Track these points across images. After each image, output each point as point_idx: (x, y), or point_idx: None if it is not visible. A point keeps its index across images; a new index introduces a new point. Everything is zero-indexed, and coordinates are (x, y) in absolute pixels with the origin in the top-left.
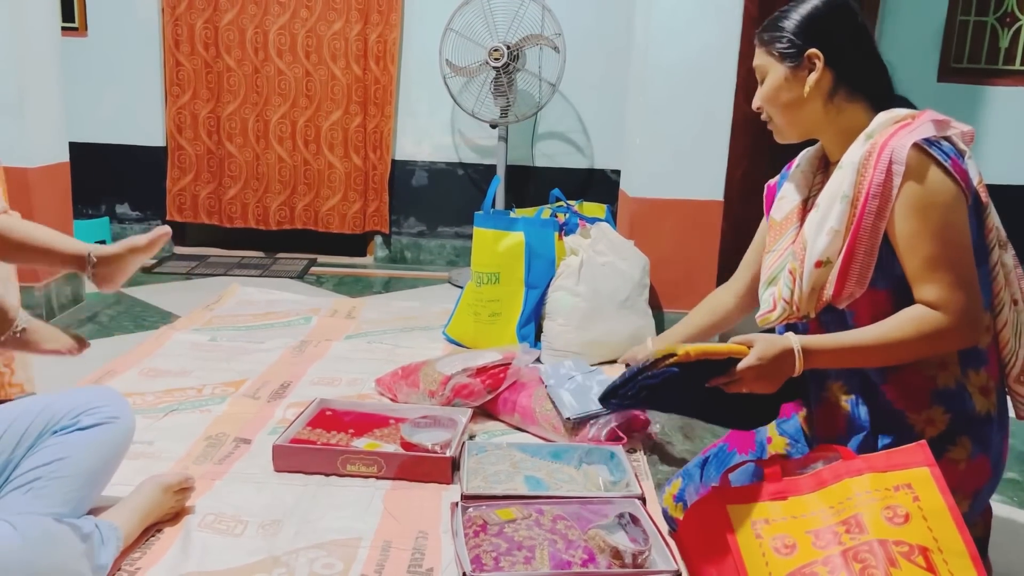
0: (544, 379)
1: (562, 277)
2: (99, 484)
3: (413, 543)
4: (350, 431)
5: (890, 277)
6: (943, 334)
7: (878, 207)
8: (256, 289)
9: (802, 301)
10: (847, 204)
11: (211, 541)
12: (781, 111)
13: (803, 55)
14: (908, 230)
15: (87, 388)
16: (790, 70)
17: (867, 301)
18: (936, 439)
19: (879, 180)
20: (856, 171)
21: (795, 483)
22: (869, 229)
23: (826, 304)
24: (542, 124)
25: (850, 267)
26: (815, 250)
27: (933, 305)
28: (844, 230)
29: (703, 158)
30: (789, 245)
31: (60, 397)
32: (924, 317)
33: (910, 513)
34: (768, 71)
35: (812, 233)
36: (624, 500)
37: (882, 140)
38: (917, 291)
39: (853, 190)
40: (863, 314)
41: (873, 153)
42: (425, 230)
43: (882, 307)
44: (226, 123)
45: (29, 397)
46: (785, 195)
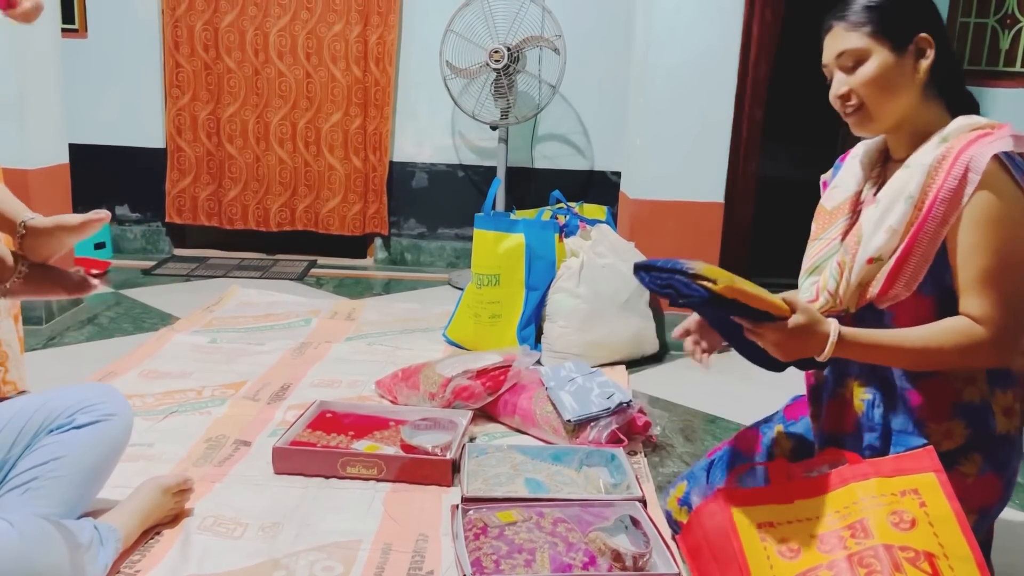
0: (544, 381)
1: (562, 279)
2: (97, 482)
3: (413, 546)
4: (350, 433)
5: (938, 285)
6: (979, 349)
7: (944, 213)
8: (256, 291)
9: (846, 294)
10: (911, 205)
11: (211, 543)
12: (880, 97)
13: (912, 39)
14: (970, 240)
15: (83, 385)
16: (895, 54)
17: (910, 306)
18: (950, 452)
19: (951, 186)
20: (926, 173)
21: (801, 487)
22: (930, 234)
23: (868, 301)
24: (542, 126)
25: (902, 269)
26: (870, 246)
27: (977, 319)
28: (903, 230)
29: (704, 160)
30: (838, 236)
31: (56, 395)
32: (965, 330)
33: (916, 519)
34: (869, 54)
35: (869, 229)
36: (625, 502)
37: (959, 146)
38: (964, 302)
39: (919, 192)
40: (903, 318)
41: (947, 158)
42: (425, 232)
43: (924, 314)
44: (226, 125)
45: (25, 396)
46: (839, 184)
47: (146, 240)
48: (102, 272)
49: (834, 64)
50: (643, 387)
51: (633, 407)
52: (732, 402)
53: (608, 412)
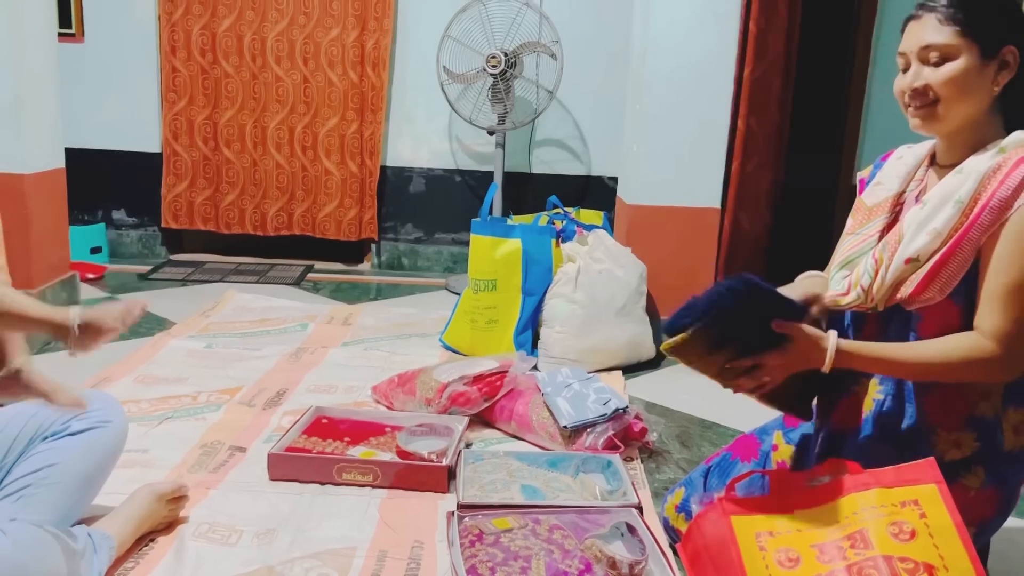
0: (541, 387)
1: (559, 284)
2: (91, 490)
3: (409, 553)
4: (346, 439)
5: (970, 295)
6: (986, 364)
7: (990, 222)
8: (252, 296)
9: (879, 293)
10: (958, 209)
11: (205, 550)
12: (956, 100)
13: (1000, 49)
14: (1003, 251)
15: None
16: (982, 60)
17: (939, 311)
18: (954, 463)
19: (1003, 195)
20: (979, 180)
21: (801, 496)
22: (974, 240)
23: (897, 302)
24: (539, 131)
25: (940, 272)
26: (911, 247)
27: (990, 334)
28: (946, 233)
29: (700, 166)
30: (876, 233)
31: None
32: (974, 344)
33: (916, 530)
34: (958, 53)
35: (912, 229)
36: (621, 509)
37: (1016, 157)
38: (981, 315)
39: (970, 197)
40: (930, 322)
41: (1003, 168)
42: (422, 236)
43: (951, 322)
44: (223, 129)
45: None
46: (882, 181)
47: (142, 245)
48: (98, 277)
49: (915, 55)
50: (639, 393)
51: (629, 413)
52: (729, 408)
53: (604, 418)
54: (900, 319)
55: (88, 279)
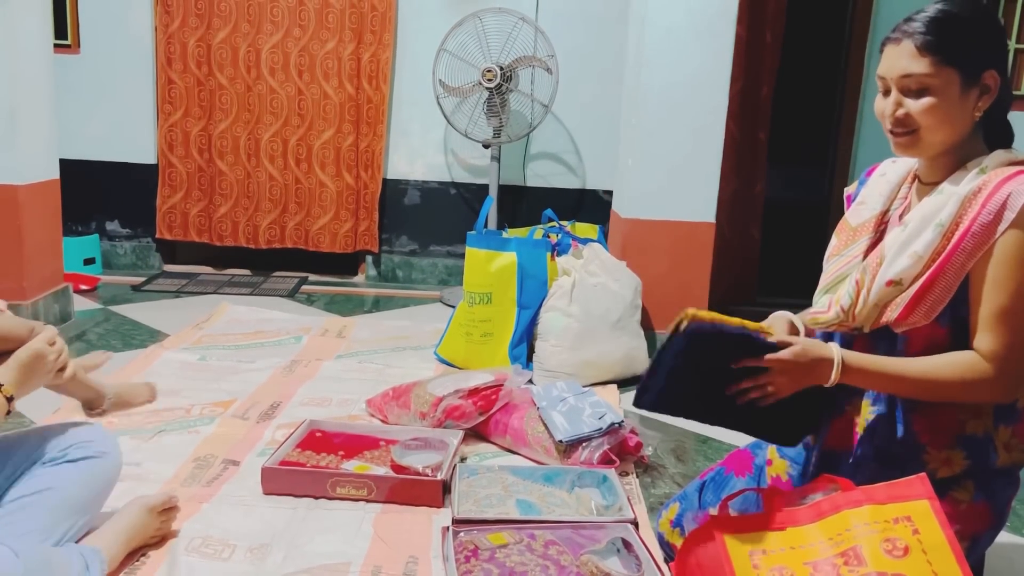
0: (536, 401)
1: (554, 297)
2: (84, 516)
3: (403, 568)
4: (340, 453)
5: (955, 317)
6: (983, 385)
7: (973, 247)
8: (246, 308)
9: (861, 314)
10: (939, 233)
11: (198, 565)
12: (937, 129)
13: (981, 76)
14: (993, 276)
15: (77, 423)
16: (963, 88)
17: (925, 334)
18: (945, 480)
19: (984, 220)
20: (959, 203)
21: (794, 514)
22: (957, 265)
23: (884, 324)
24: (535, 144)
25: (924, 297)
26: (892, 269)
27: (986, 356)
28: (928, 257)
29: (695, 180)
30: (860, 254)
31: (51, 430)
32: (971, 364)
33: (909, 546)
34: (938, 84)
35: (893, 251)
36: (617, 525)
37: (996, 180)
38: (977, 337)
39: (951, 221)
40: (916, 344)
41: (983, 191)
42: (417, 249)
43: (938, 344)
44: (217, 141)
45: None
46: (865, 201)
47: (136, 256)
48: (91, 288)
49: (894, 82)
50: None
51: (625, 427)
52: None
53: (600, 432)
54: (886, 341)
55: (81, 290)
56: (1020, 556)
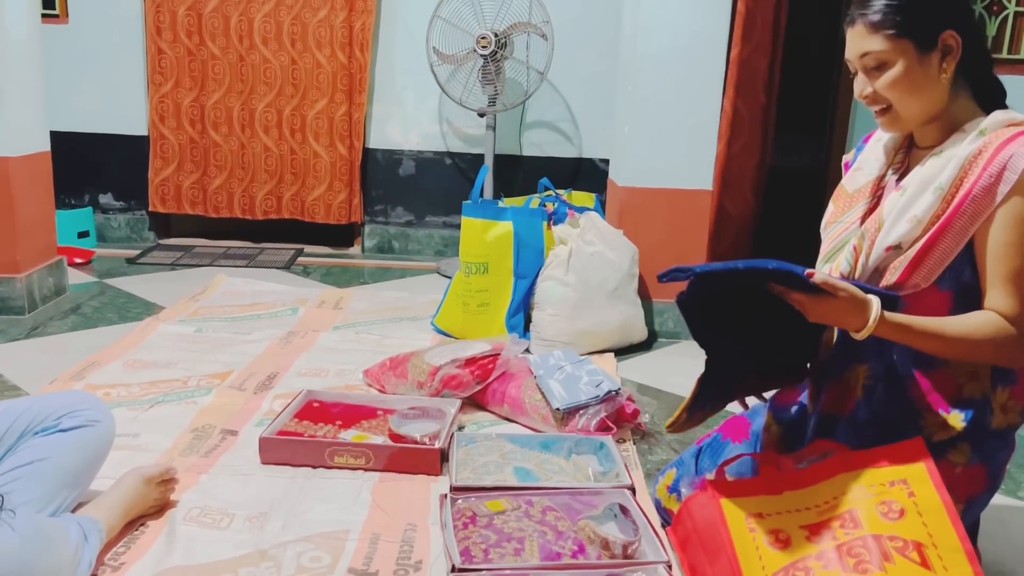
0: (533, 369)
1: (551, 267)
2: (79, 486)
3: (402, 535)
4: (338, 423)
5: (956, 281)
6: (1011, 346)
7: (975, 210)
8: (242, 280)
9: (862, 278)
10: (939, 196)
11: (197, 534)
12: (907, 100)
13: (937, 38)
14: (1004, 239)
15: (69, 392)
16: (920, 54)
17: (924, 297)
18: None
19: (985, 183)
20: (959, 166)
21: (790, 477)
22: (958, 229)
23: (884, 288)
24: (530, 113)
25: (923, 260)
26: (891, 234)
27: (1008, 316)
28: (927, 220)
29: (692, 147)
30: (857, 219)
31: (42, 399)
32: (1000, 325)
33: (905, 508)
34: (893, 57)
35: (892, 216)
36: (614, 490)
37: (997, 142)
38: (993, 299)
39: (950, 184)
40: (916, 309)
41: (984, 153)
42: (413, 220)
43: (938, 308)
44: (211, 112)
45: (10, 399)
46: (861, 167)
47: (130, 229)
48: (85, 261)
49: (857, 64)
50: (632, 375)
51: (622, 395)
52: None
53: (597, 400)
54: (886, 305)
55: (76, 264)
56: (1014, 518)
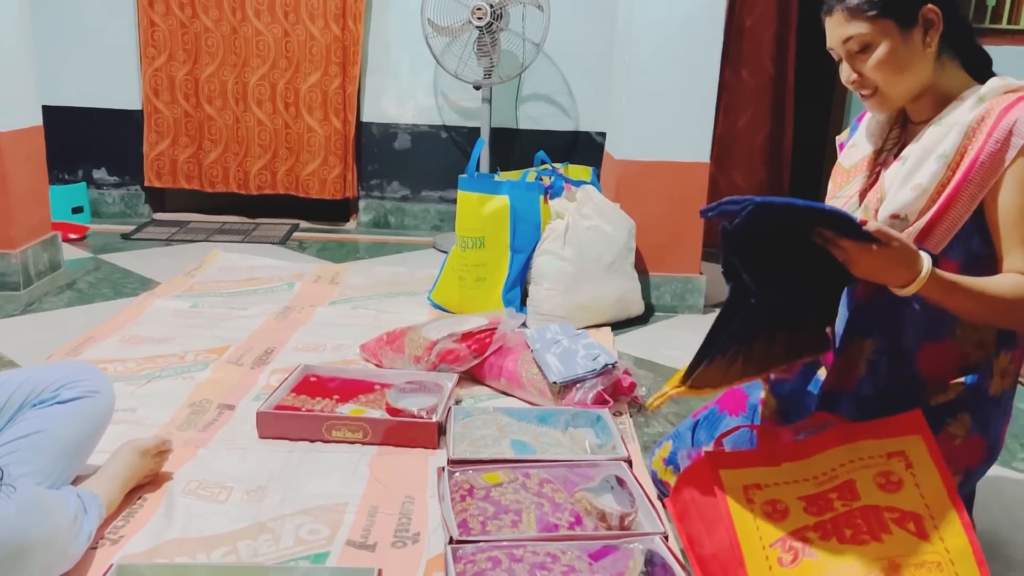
0: (530, 343)
1: (548, 241)
2: (79, 458)
3: (400, 508)
4: (335, 397)
5: (964, 250)
6: None
7: (983, 177)
8: (238, 255)
9: None
10: (943, 164)
11: (195, 507)
12: (893, 80)
13: (917, 14)
14: (1017, 204)
15: (67, 362)
16: (902, 32)
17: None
18: (939, 408)
19: (992, 149)
20: (963, 133)
21: (789, 449)
22: (967, 196)
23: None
24: (526, 85)
25: (933, 230)
26: (894, 203)
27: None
28: (933, 189)
29: (689, 120)
30: (855, 194)
31: (41, 370)
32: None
33: (903, 480)
34: (874, 38)
35: (895, 186)
36: (610, 463)
37: (999, 108)
38: (1015, 262)
39: (955, 152)
40: None
41: (987, 119)
42: (409, 194)
43: None
44: (204, 85)
45: (8, 370)
46: (857, 143)
47: (125, 204)
48: (80, 237)
49: (841, 50)
50: (628, 348)
51: (618, 368)
52: None
53: (594, 373)
54: None
55: (70, 239)
56: (1009, 488)
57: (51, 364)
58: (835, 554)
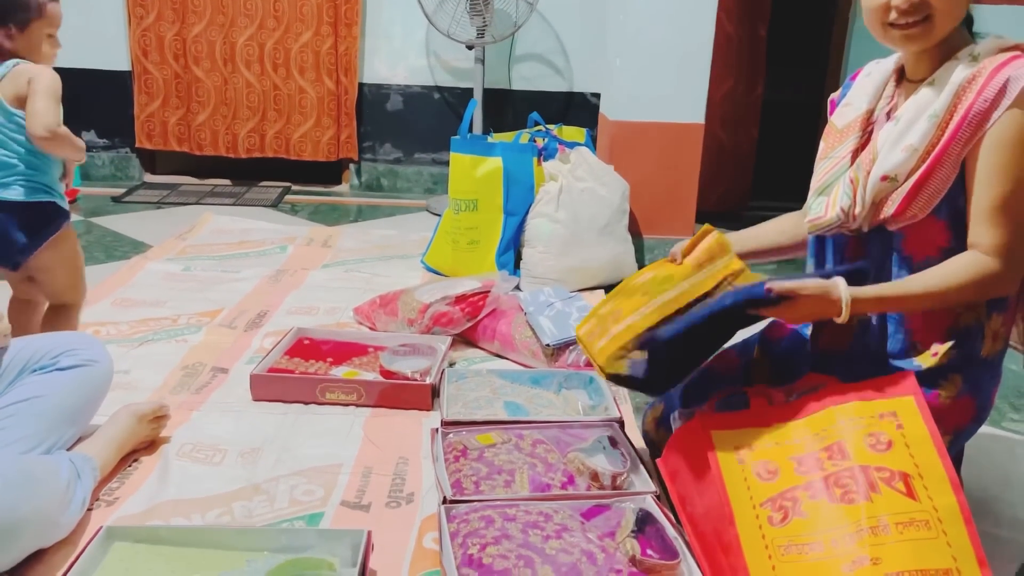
0: (523, 306)
1: (541, 203)
2: (76, 424)
3: (394, 469)
4: (328, 360)
5: (952, 209)
6: (994, 281)
7: (970, 135)
8: (230, 218)
9: (861, 214)
10: (933, 124)
11: (190, 470)
12: (952, 11)
13: None
14: (990, 163)
15: (67, 332)
16: None
17: (922, 228)
18: (931, 371)
19: (980, 107)
20: (954, 92)
21: (780, 410)
22: (954, 156)
23: (882, 222)
24: (520, 45)
25: (921, 189)
26: (886, 163)
27: (989, 250)
28: (923, 149)
29: (684, 80)
30: (848, 154)
31: (40, 338)
32: (978, 264)
33: (893, 440)
34: None
35: (887, 146)
36: (603, 424)
37: (991, 67)
38: (976, 231)
39: (945, 111)
40: (914, 240)
41: (978, 79)
42: (401, 157)
43: (935, 238)
44: (192, 46)
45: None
46: (851, 102)
47: (115, 167)
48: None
49: None
50: None
51: None
52: None
53: None
54: (881, 238)
55: None
56: (998, 446)
57: (51, 333)
58: (825, 513)
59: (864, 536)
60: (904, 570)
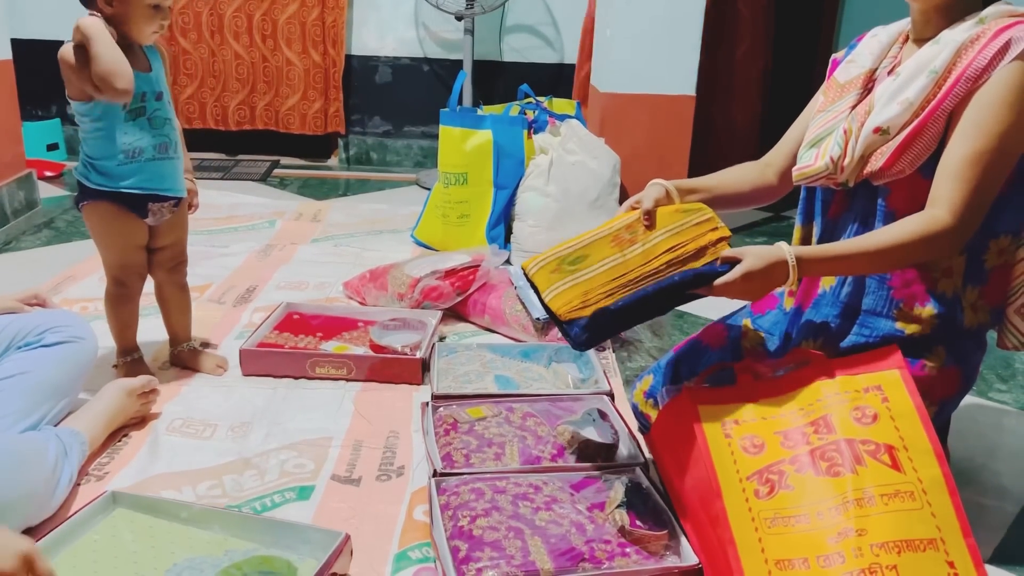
0: (514, 280)
1: (531, 177)
2: (62, 400)
3: (384, 442)
4: (318, 335)
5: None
6: (941, 238)
7: (965, 93)
8: (217, 192)
9: (849, 166)
10: (932, 79)
11: (180, 444)
12: None
13: None
14: (974, 117)
15: (51, 310)
16: None
17: (907, 184)
18: (915, 342)
19: (978, 65)
20: (955, 50)
21: (767, 385)
22: (946, 111)
23: (868, 176)
24: (510, 16)
25: (911, 144)
26: (880, 116)
27: (946, 204)
28: (918, 104)
29: (675, 52)
30: (847, 108)
31: (25, 316)
32: (929, 220)
33: (878, 413)
34: None
35: (883, 99)
36: (593, 397)
37: (996, 28)
38: (939, 184)
39: (944, 68)
40: (899, 197)
41: (980, 39)
42: (391, 130)
43: (919, 195)
44: (178, 17)
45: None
46: (855, 59)
47: None
48: (56, 175)
49: None
50: None
51: None
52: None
53: None
54: (866, 193)
55: (46, 177)
56: (984, 416)
57: (35, 311)
58: (811, 486)
59: (850, 508)
60: (889, 540)
